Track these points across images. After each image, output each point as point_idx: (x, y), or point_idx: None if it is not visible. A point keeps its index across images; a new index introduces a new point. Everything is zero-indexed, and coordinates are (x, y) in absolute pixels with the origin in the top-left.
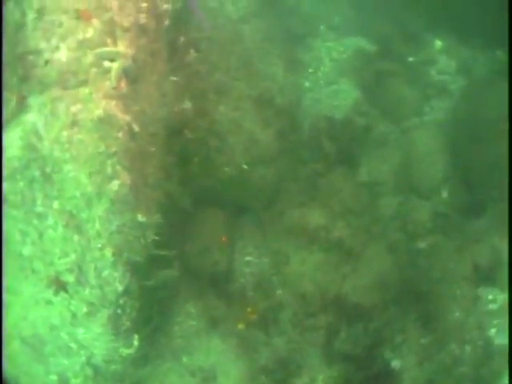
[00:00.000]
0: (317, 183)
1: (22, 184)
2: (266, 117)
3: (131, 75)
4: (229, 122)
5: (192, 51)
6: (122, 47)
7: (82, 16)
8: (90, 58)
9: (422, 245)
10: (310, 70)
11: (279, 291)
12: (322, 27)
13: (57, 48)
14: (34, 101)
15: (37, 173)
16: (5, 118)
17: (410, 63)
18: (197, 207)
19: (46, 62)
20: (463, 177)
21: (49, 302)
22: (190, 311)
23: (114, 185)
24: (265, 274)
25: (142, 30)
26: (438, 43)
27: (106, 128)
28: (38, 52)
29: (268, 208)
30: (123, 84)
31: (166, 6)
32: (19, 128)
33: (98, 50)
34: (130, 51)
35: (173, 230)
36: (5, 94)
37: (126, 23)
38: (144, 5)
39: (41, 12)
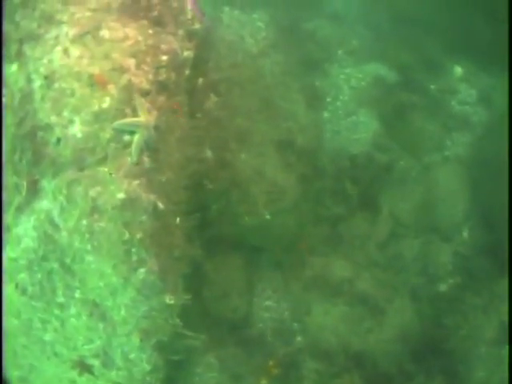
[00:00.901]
0: (339, 229)
1: (40, 275)
2: (288, 161)
3: (153, 145)
4: (251, 169)
5: (212, 95)
6: (142, 115)
7: (96, 82)
8: (108, 131)
9: (443, 288)
10: (329, 99)
11: (299, 338)
12: (339, 52)
13: (70, 122)
14: (47, 185)
15: (55, 264)
16: (16, 206)
17: (430, 93)
18: (215, 252)
19: (59, 140)
20: (485, 216)
21: (73, 382)
22: (210, 361)
23: (140, 273)
24: (285, 320)
25: (162, 87)
26: (458, 70)
27: (129, 213)
28: (48, 127)
29: (289, 253)
30: (145, 157)
31: (187, 54)
32: (33, 217)
33: (117, 123)
34: (152, 117)
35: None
36: (14, 179)
37: (145, 84)
38: (164, 58)
39: (49, 78)
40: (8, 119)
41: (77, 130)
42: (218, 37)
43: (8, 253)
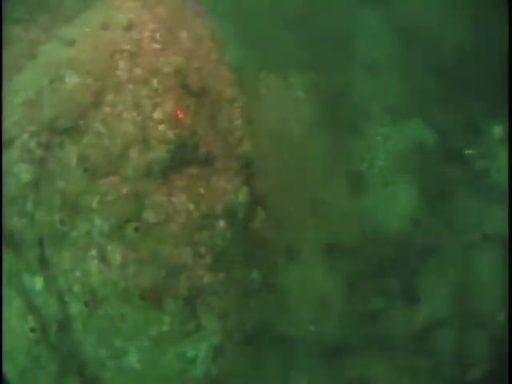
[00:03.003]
0: (378, 325)
1: None
2: (334, 265)
3: None
4: (297, 286)
5: (259, 210)
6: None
7: (149, 299)
8: (170, 354)
9: (477, 375)
10: (365, 165)
11: None
12: (374, 108)
13: (124, 352)
14: None
15: None
16: None
17: (469, 161)
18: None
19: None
20: None
21: None
22: None
23: None
24: None
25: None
26: (497, 130)
27: None
28: (98, 362)
29: (328, 356)
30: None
31: (241, 197)
32: None
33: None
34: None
35: None
36: None
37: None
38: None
39: (90, 304)
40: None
41: (133, 360)
42: (260, 129)
43: None
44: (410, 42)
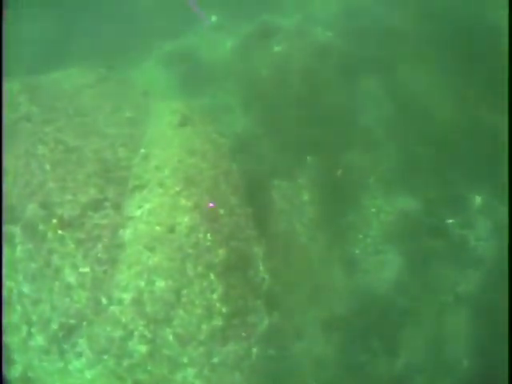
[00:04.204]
0: (364, 373)
1: None
2: (330, 337)
3: None
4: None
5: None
6: None
7: None
8: None
9: None
10: (360, 236)
11: None
12: (371, 179)
13: None
14: None
15: None
16: None
17: (450, 230)
18: None
19: None
20: (483, 349)
21: None
22: None
23: None
24: None
25: None
26: (478, 200)
27: None
28: None
29: None
30: None
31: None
32: None
33: None
34: None
35: None
36: None
37: None
38: None
39: None
40: None
41: None
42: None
43: None
44: (407, 111)
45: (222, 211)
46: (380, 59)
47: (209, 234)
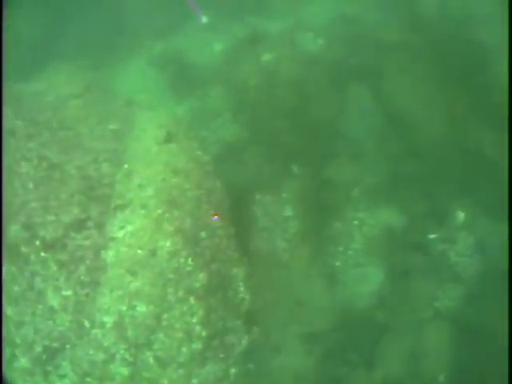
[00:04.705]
0: None
1: None
2: (309, 350)
3: None
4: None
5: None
6: None
7: None
8: None
9: None
10: (341, 249)
11: None
12: (355, 191)
13: None
14: None
15: None
16: None
17: (432, 245)
18: None
19: None
20: (460, 363)
21: None
22: None
23: None
24: None
25: None
26: (461, 215)
27: None
28: None
29: None
30: None
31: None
32: None
33: None
34: None
35: None
36: None
37: None
38: None
39: None
40: None
41: None
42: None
43: None
44: (394, 123)
45: (203, 234)
46: (370, 70)
47: (190, 259)
